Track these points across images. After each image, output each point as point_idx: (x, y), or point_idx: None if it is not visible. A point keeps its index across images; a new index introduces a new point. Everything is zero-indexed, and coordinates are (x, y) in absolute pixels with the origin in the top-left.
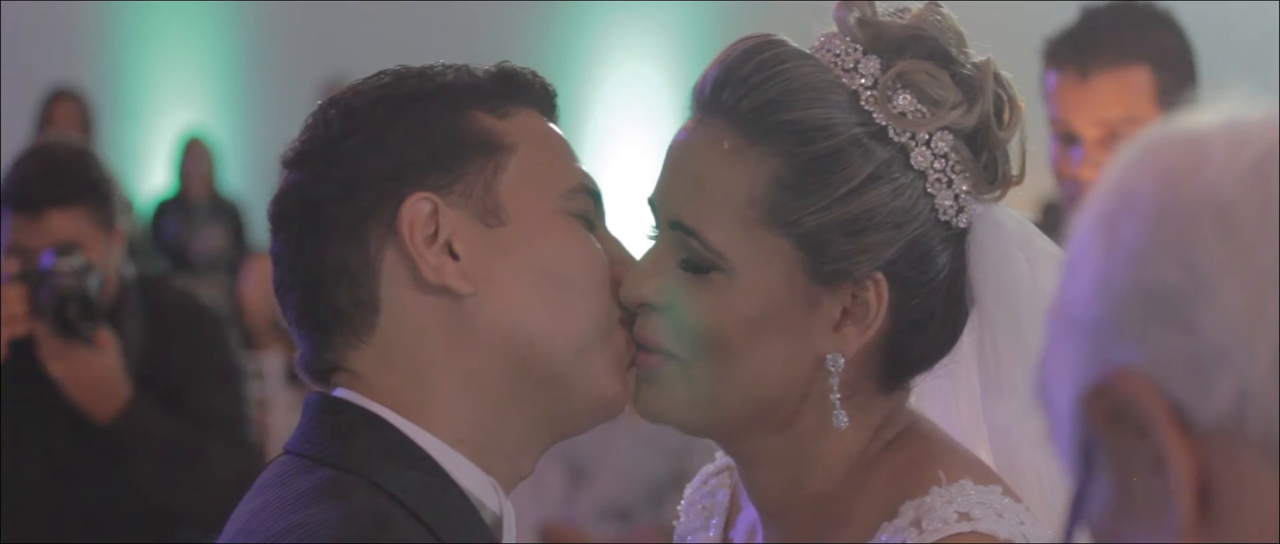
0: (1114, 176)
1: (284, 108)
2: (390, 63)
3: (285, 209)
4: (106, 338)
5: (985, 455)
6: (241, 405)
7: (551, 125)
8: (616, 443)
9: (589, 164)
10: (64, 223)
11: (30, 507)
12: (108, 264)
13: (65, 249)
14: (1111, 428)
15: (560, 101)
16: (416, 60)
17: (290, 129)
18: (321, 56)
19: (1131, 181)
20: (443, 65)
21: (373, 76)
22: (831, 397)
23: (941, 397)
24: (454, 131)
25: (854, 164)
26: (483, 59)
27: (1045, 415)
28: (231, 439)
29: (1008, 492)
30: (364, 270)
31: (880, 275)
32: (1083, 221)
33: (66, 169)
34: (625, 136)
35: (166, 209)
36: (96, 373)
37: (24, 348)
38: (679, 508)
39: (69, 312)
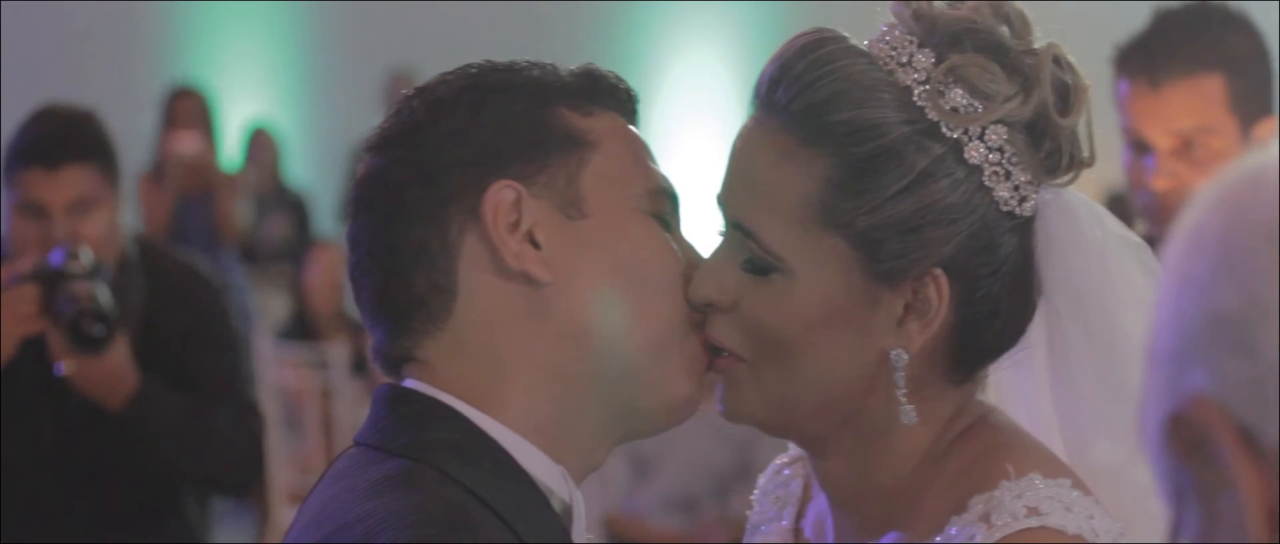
0: (1188, 218)
1: (349, 99)
2: (454, 55)
3: (366, 192)
4: (118, 338)
5: (1057, 446)
6: (241, 366)
7: (633, 128)
8: (681, 434)
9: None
10: (79, 177)
11: (37, 493)
12: (112, 220)
13: (74, 250)
14: (1193, 458)
15: (638, 96)
16: (482, 51)
17: (355, 120)
18: (387, 48)
19: (1201, 220)
20: (528, 61)
21: (458, 68)
22: (897, 393)
23: (1020, 388)
24: (539, 124)
25: (905, 163)
26: (548, 51)
27: (1148, 457)
28: (234, 402)
29: (1078, 484)
30: (443, 254)
31: (939, 271)
32: (1163, 266)
33: (81, 127)
34: (691, 129)
35: None
36: (107, 369)
37: (30, 339)
38: (752, 497)
39: (86, 326)
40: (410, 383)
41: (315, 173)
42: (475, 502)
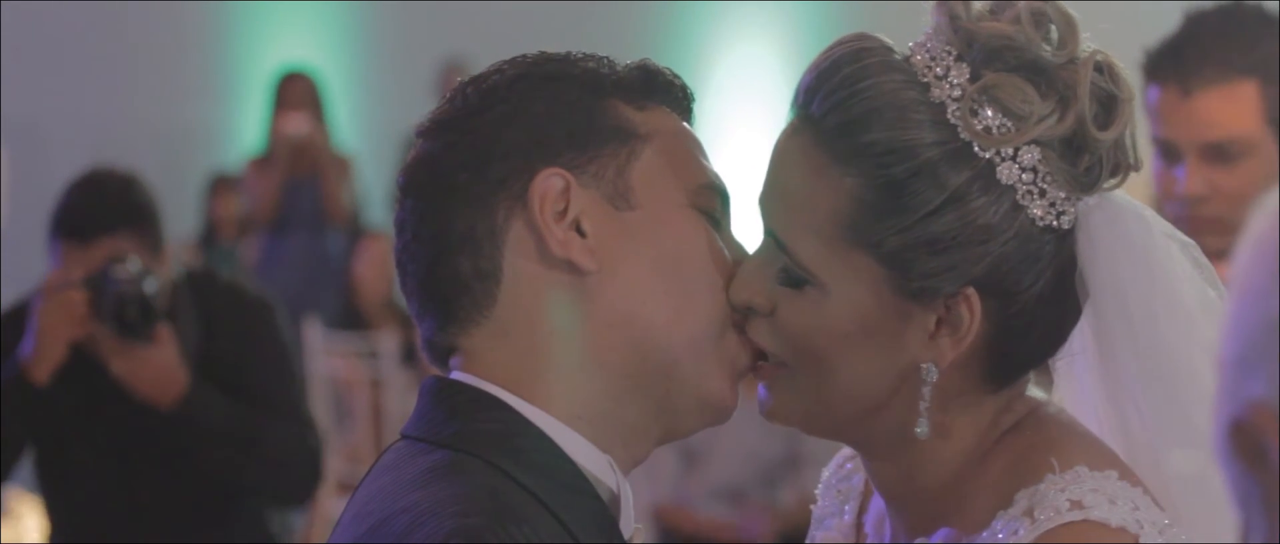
0: (1251, 230)
1: (401, 89)
2: (504, 47)
3: (415, 176)
4: (165, 333)
5: (1118, 448)
6: (294, 384)
7: (687, 125)
8: (730, 424)
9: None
10: (113, 249)
11: (100, 500)
12: (158, 277)
13: (121, 257)
14: (1256, 465)
15: (694, 94)
16: (532, 43)
17: (407, 111)
18: (438, 42)
19: (1261, 231)
20: (584, 54)
21: (514, 58)
22: (920, 405)
23: (1075, 380)
24: (592, 115)
25: (936, 184)
26: (597, 45)
27: (1218, 465)
28: (289, 416)
29: (1125, 475)
30: (489, 240)
31: (971, 290)
32: (1231, 277)
33: (112, 197)
34: (740, 124)
35: None
36: (156, 367)
37: (83, 350)
38: (816, 491)
39: (128, 313)
40: (456, 374)
41: (366, 163)
42: (520, 491)
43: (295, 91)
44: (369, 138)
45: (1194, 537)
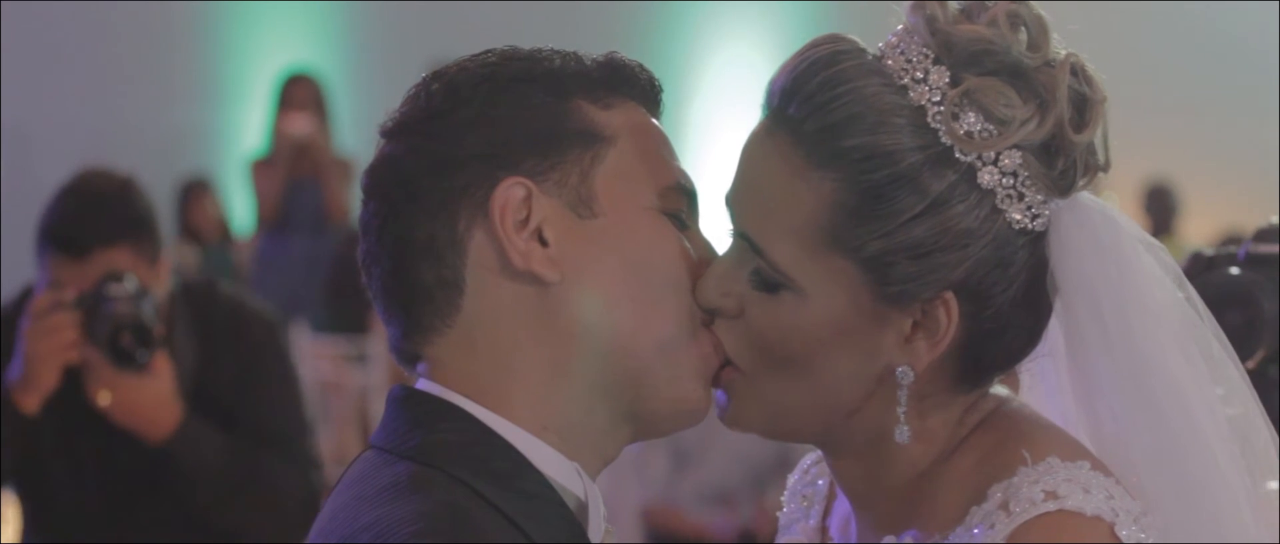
0: None
1: (390, 91)
2: (492, 45)
3: (379, 179)
4: (162, 363)
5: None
6: (299, 417)
7: (653, 121)
8: (720, 426)
9: (689, 151)
10: (108, 262)
11: (80, 531)
12: (155, 295)
13: (117, 274)
14: None
15: (661, 85)
16: (517, 39)
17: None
18: (426, 42)
19: None
20: (550, 50)
21: (479, 54)
22: (898, 410)
23: (1042, 383)
24: (556, 119)
25: (918, 189)
26: (584, 47)
27: None
28: (291, 454)
29: (1097, 466)
30: (450, 249)
31: (949, 294)
32: None
33: (109, 206)
34: (727, 125)
35: None
36: (149, 398)
37: (77, 375)
38: (782, 498)
39: (124, 340)
40: (422, 383)
41: (357, 163)
42: (482, 504)
43: (299, 93)
44: (358, 138)
45: (1167, 530)
